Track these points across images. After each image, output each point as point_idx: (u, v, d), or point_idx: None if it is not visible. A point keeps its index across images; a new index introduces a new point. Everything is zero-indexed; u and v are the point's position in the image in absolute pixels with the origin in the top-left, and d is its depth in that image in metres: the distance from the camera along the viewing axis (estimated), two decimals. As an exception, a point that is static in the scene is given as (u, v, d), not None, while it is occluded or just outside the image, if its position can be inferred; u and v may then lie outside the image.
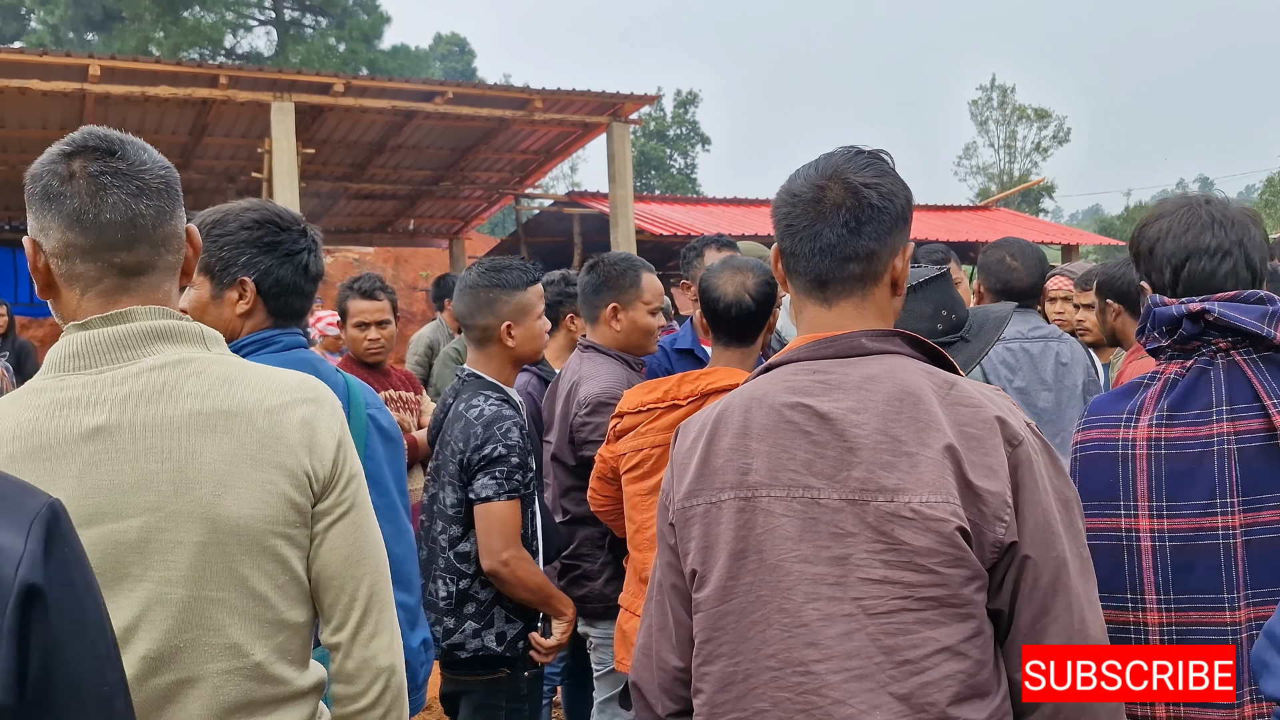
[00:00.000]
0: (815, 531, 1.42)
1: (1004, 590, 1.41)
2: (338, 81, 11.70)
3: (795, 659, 1.41)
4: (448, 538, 2.82)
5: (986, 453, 1.39)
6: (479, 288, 2.90)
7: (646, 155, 45.39)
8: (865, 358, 1.49)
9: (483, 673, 2.85)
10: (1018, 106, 49.17)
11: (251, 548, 1.43)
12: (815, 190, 1.52)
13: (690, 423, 1.63)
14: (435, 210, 18.78)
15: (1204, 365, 1.82)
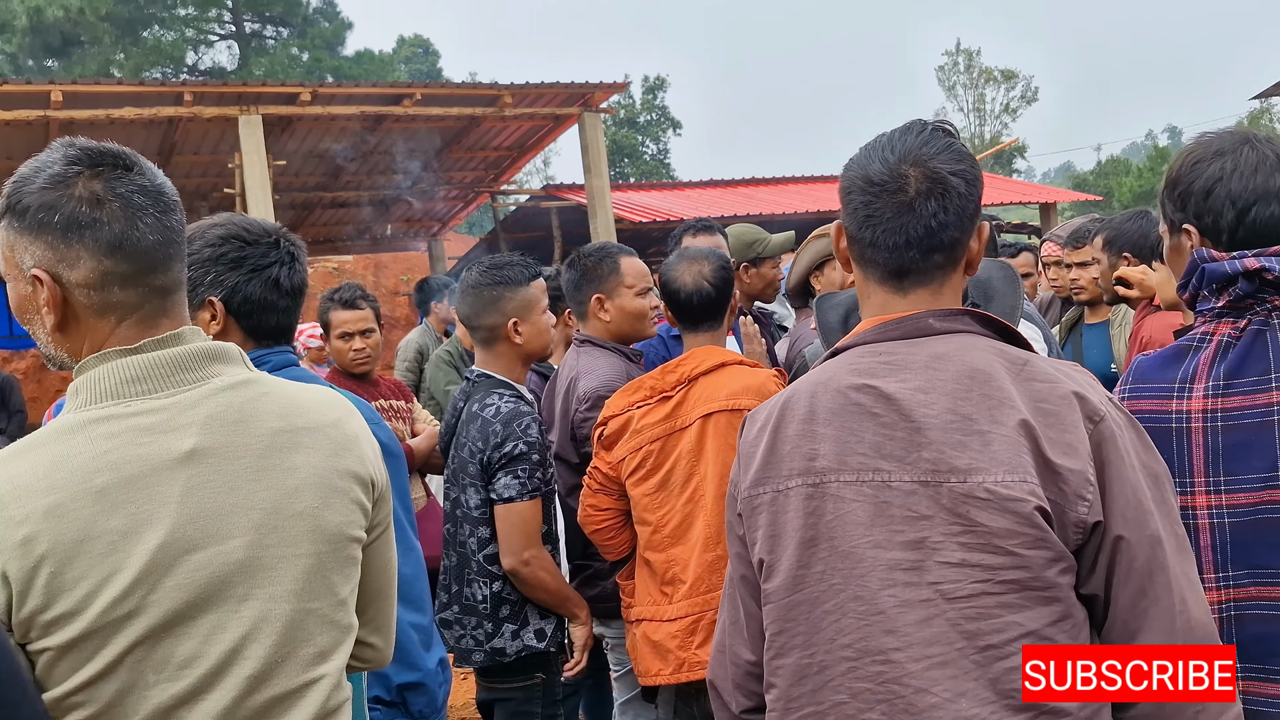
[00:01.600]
0: (888, 516, 1.37)
1: (1096, 573, 1.36)
2: (304, 91, 11.59)
3: (873, 648, 1.36)
4: (477, 540, 2.78)
5: (1065, 429, 1.34)
6: (482, 287, 2.87)
7: (619, 143, 45.27)
8: (932, 338, 1.44)
9: (519, 679, 2.81)
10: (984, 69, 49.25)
11: (339, 554, 1.46)
12: (897, 178, 1.45)
13: (757, 412, 1.59)
14: (411, 213, 18.67)
15: (1260, 326, 1.69)
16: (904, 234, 1.45)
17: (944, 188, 1.44)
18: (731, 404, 2.66)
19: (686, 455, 2.68)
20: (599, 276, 3.27)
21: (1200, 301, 1.76)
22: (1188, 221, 1.80)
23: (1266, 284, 1.69)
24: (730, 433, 2.63)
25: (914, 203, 1.44)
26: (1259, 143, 1.77)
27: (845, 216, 1.51)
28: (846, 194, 1.50)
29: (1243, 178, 1.73)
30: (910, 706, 1.33)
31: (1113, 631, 1.37)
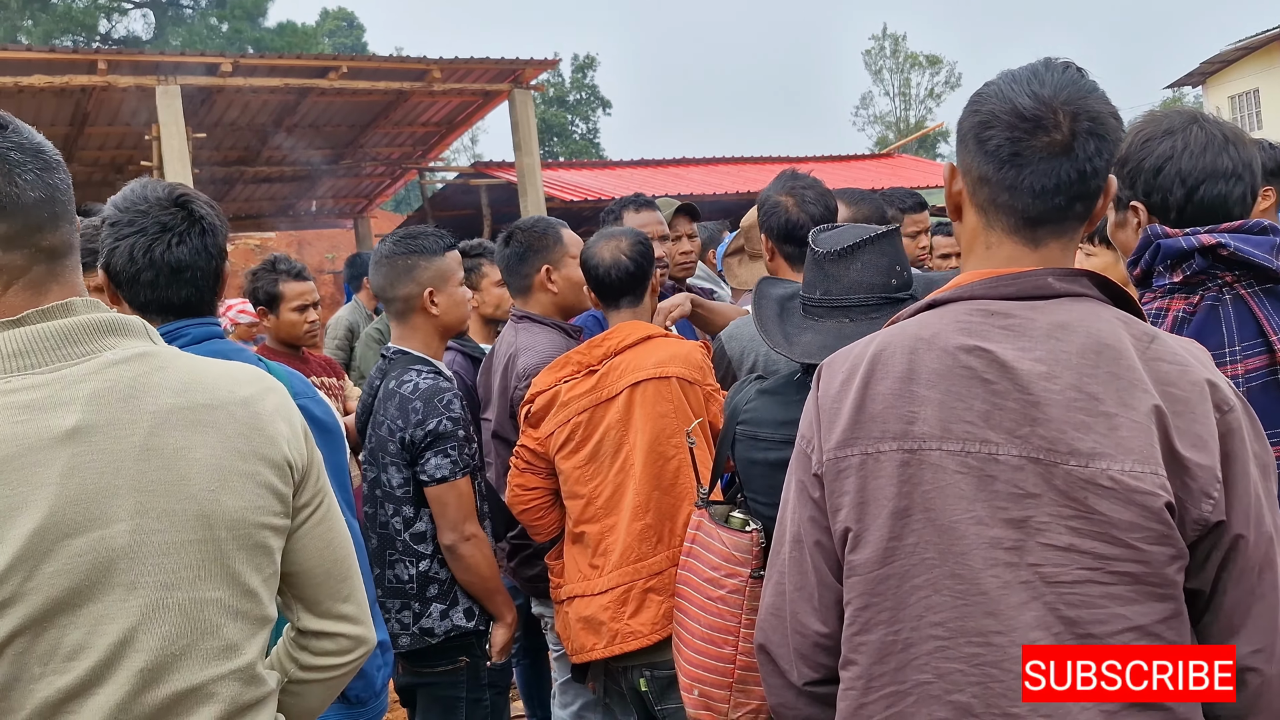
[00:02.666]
0: (992, 491, 1.28)
1: (1207, 569, 1.29)
2: (225, 61, 11.25)
3: (971, 628, 1.28)
4: (401, 520, 2.73)
5: (1196, 420, 1.26)
6: (396, 256, 2.82)
7: (548, 122, 44.94)
8: (1052, 301, 1.33)
9: (443, 663, 2.77)
10: (910, 54, 49.90)
11: (245, 542, 1.37)
12: (1052, 115, 1.31)
13: (835, 362, 1.46)
14: (337, 189, 18.32)
15: (1212, 302, 1.71)
16: (1055, 177, 1.32)
17: (1103, 129, 1.32)
18: (659, 371, 2.64)
19: (615, 425, 2.66)
20: (545, 248, 3.22)
21: (1155, 277, 1.78)
22: (1136, 199, 1.82)
23: (1219, 260, 1.71)
24: (659, 400, 2.63)
25: (1072, 143, 1.31)
26: (1207, 122, 1.80)
27: (976, 156, 1.36)
28: (983, 129, 1.35)
29: (1192, 156, 1.76)
30: (1010, 691, 1.27)
31: (1213, 626, 1.31)
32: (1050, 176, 1.32)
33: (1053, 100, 1.32)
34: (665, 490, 2.62)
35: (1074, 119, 1.31)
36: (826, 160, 21.64)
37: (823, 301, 2.16)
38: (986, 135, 1.35)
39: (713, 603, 2.19)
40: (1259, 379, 1.70)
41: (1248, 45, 26.66)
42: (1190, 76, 29.44)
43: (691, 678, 2.25)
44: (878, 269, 2.13)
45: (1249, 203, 1.79)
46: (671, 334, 2.85)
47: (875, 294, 2.11)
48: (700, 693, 2.22)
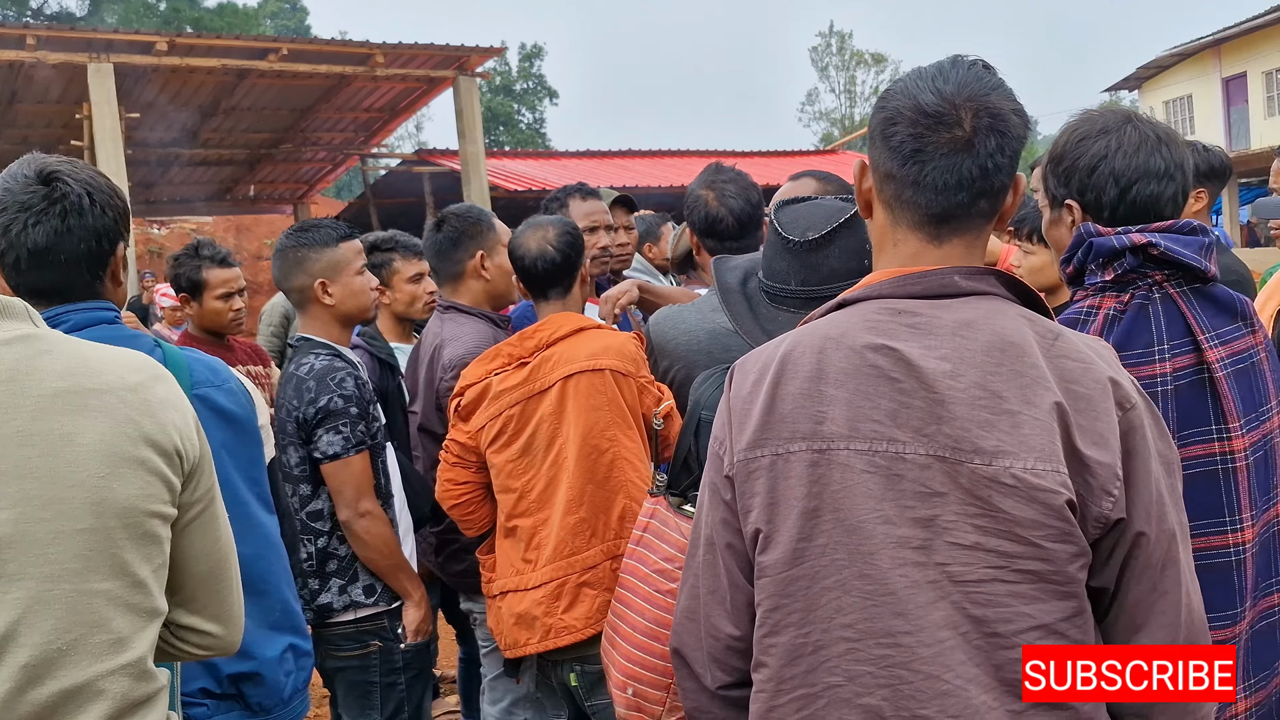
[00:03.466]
0: (899, 490, 1.26)
1: (1110, 567, 1.28)
2: (160, 40, 11.01)
3: (879, 629, 1.27)
4: (299, 498, 2.72)
5: (1097, 417, 1.25)
6: (287, 249, 2.83)
7: (494, 111, 44.62)
8: (958, 299, 1.32)
9: (354, 648, 2.74)
10: (856, 52, 50.36)
11: (134, 531, 1.32)
12: (954, 110, 1.31)
13: (746, 363, 1.44)
14: (276, 175, 18.03)
15: (1142, 300, 1.73)
16: (956, 174, 1.32)
17: (1004, 125, 1.32)
18: (593, 364, 2.61)
19: (548, 418, 2.62)
20: (478, 234, 3.18)
21: (1087, 275, 1.79)
22: (1070, 197, 1.83)
23: (1150, 259, 1.73)
24: (592, 393, 2.59)
25: (973, 139, 1.31)
26: (1140, 122, 1.81)
27: (882, 152, 1.36)
28: (888, 125, 1.35)
29: (1126, 156, 1.77)
30: (918, 693, 1.25)
31: (1117, 624, 1.31)
32: (952, 173, 1.32)
33: (955, 97, 1.31)
34: (599, 484, 2.59)
35: (975, 115, 1.31)
36: (772, 155, 21.77)
37: (799, 293, 2.12)
38: (891, 131, 1.35)
39: (661, 595, 2.12)
40: (1186, 377, 1.71)
41: (1182, 52, 27.29)
42: (1127, 81, 30.09)
43: (627, 675, 2.18)
44: (852, 253, 2.09)
45: (1180, 203, 1.80)
46: (604, 326, 2.81)
47: (853, 280, 2.06)
48: (635, 691, 2.15)
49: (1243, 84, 26.14)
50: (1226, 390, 1.69)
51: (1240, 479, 1.69)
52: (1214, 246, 1.77)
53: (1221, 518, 1.68)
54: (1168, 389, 1.69)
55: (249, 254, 21.75)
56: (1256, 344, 1.78)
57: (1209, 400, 1.70)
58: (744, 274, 2.31)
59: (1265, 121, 24.90)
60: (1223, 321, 1.74)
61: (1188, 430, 1.69)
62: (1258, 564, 1.72)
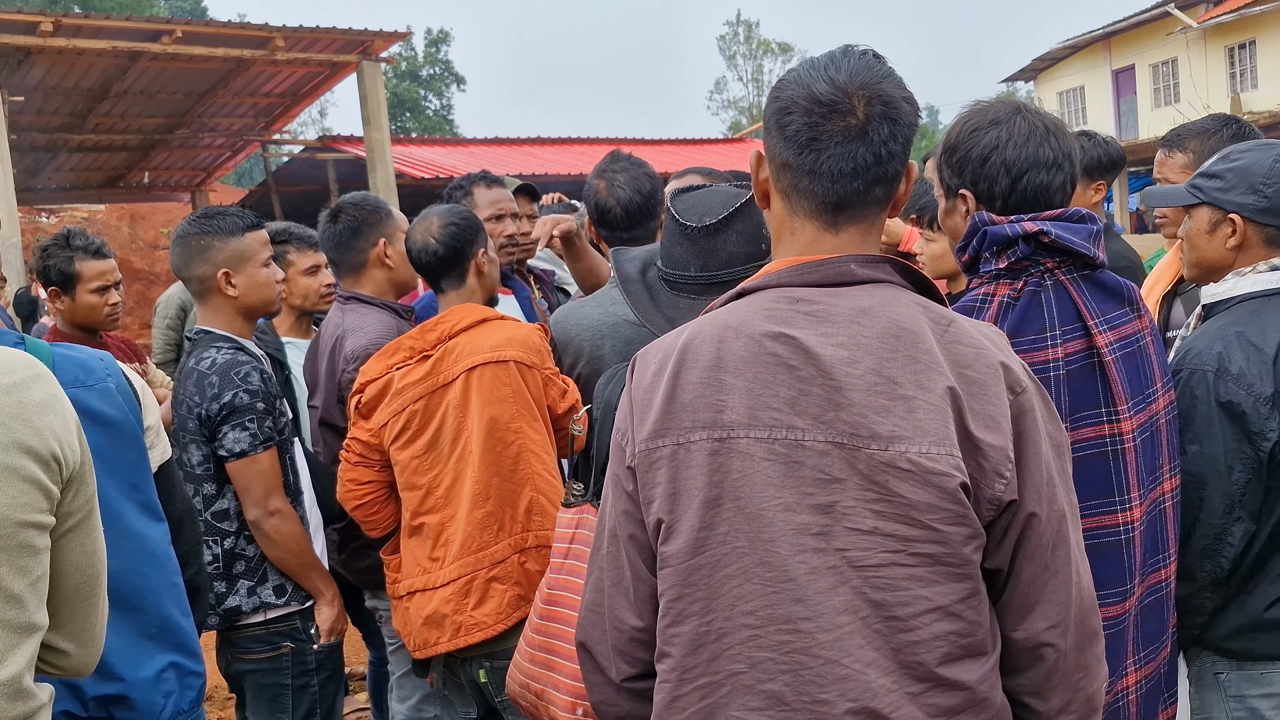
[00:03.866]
0: (799, 477, 1.27)
1: (1003, 548, 1.31)
2: (45, 20, 10.54)
3: (780, 615, 1.28)
4: (203, 499, 2.62)
5: (989, 401, 1.27)
6: (189, 236, 2.71)
7: (400, 96, 43.90)
8: (855, 287, 1.33)
9: (264, 649, 2.66)
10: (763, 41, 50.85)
11: (6, 542, 1.26)
12: (847, 100, 1.32)
13: (648, 353, 1.44)
14: (173, 161, 17.46)
15: (1035, 287, 1.77)
16: (851, 160, 1.33)
17: (896, 113, 1.34)
18: (496, 355, 2.57)
19: (453, 412, 2.58)
20: (378, 222, 3.11)
21: (982, 263, 1.83)
22: (964, 186, 1.86)
23: (1042, 247, 1.77)
24: (497, 385, 2.56)
25: (866, 127, 1.32)
26: (1030, 113, 1.86)
27: (777, 142, 1.37)
28: (782, 115, 1.36)
29: (1016, 146, 1.81)
30: (818, 678, 1.27)
31: (1011, 604, 1.33)
32: (847, 160, 1.33)
33: (848, 85, 1.33)
34: (505, 477, 2.55)
35: (868, 103, 1.33)
36: (680, 143, 21.86)
37: (699, 280, 2.12)
38: (786, 121, 1.35)
39: None
40: (1078, 361, 1.76)
41: (1075, 44, 28.15)
42: (1023, 72, 30.94)
43: (576, 694, 2.12)
44: (749, 237, 2.08)
45: (1069, 191, 1.85)
46: (507, 317, 2.77)
47: (751, 264, 2.06)
48: (585, 710, 2.09)
49: (1131, 76, 27.12)
50: (1115, 374, 1.75)
51: (1129, 459, 1.75)
52: (1102, 234, 1.82)
53: (1111, 497, 1.74)
54: (1060, 374, 1.73)
55: (144, 243, 21.04)
56: (1143, 328, 1.84)
57: (1099, 384, 1.75)
58: (643, 264, 2.30)
59: (1152, 112, 25.87)
60: (1111, 307, 1.80)
61: (1079, 413, 1.74)
62: (1146, 541, 1.78)
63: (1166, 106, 24.70)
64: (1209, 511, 1.94)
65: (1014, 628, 1.33)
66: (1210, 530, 1.94)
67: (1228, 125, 2.84)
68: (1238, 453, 1.94)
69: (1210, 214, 2.11)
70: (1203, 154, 2.65)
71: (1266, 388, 1.94)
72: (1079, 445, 1.73)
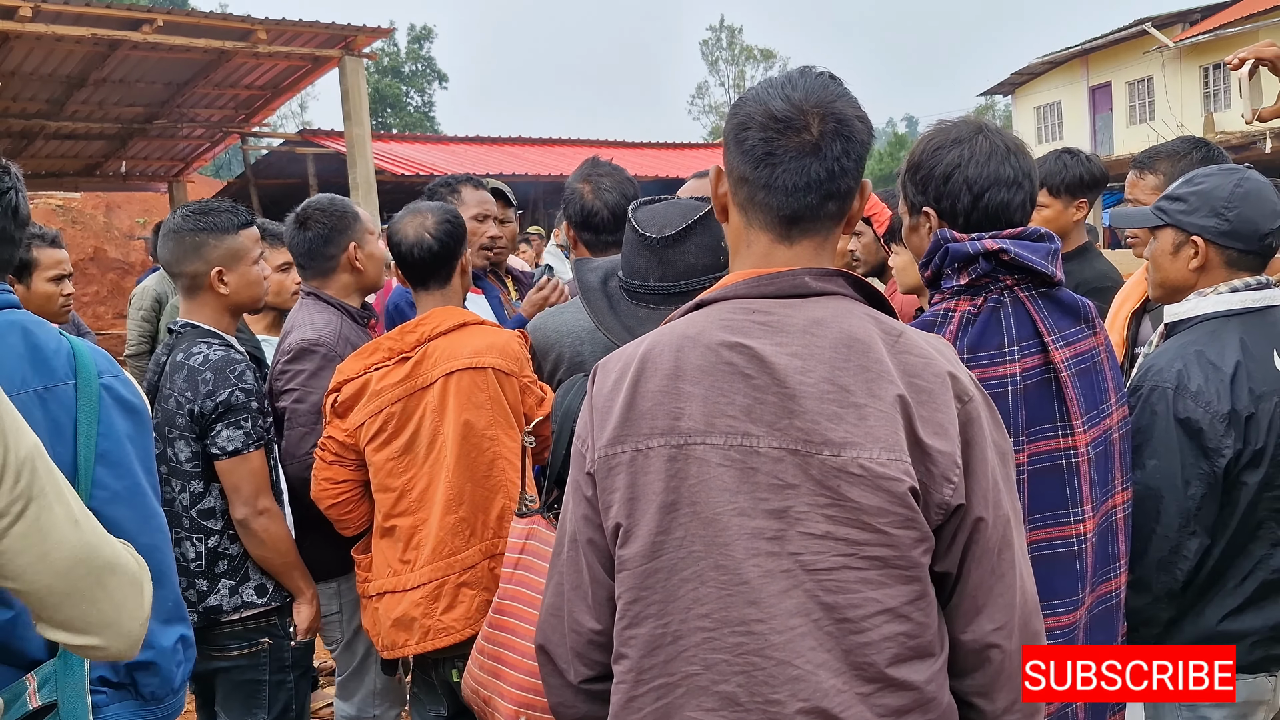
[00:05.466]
0: (754, 482, 1.32)
1: (952, 552, 1.35)
2: (24, 6, 10.43)
3: (734, 618, 1.32)
4: (189, 495, 2.61)
5: (937, 409, 1.32)
6: (184, 232, 2.69)
7: (381, 92, 43.72)
8: (809, 299, 1.39)
9: (241, 645, 2.64)
10: (745, 47, 51.00)
11: None
12: (802, 116, 1.37)
13: (609, 362, 1.49)
14: (150, 151, 17.29)
15: (994, 304, 1.82)
16: (805, 175, 1.38)
17: (849, 130, 1.39)
18: (475, 361, 2.58)
19: (430, 415, 2.59)
20: (347, 225, 3.07)
21: (944, 280, 1.88)
22: (928, 204, 1.91)
23: (1002, 264, 1.82)
24: (474, 391, 2.57)
25: (819, 143, 1.38)
26: (990, 132, 1.91)
27: (735, 157, 1.43)
28: (740, 130, 1.41)
29: (978, 165, 1.86)
30: (771, 679, 1.31)
31: (960, 607, 1.37)
32: (801, 175, 1.38)
33: (803, 103, 1.38)
34: (478, 482, 2.57)
35: (823, 120, 1.38)
36: (661, 147, 21.90)
37: (658, 290, 2.15)
38: (744, 136, 1.41)
39: None
40: (1034, 377, 1.81)
41: (1053, 60, 28.43)
42: (1001, 86, 31.21)
43: (520, 704, 2.16)
44: (708, 249, 2.12)
45: (1029, 209, 1.90)
46: (488, 322, 2.77)
47: (709, 275, 2.10)
48: (527, 719, 2.13)
49: (1108, 93, 27.42)
50: (1071, 389, 1.80)
51: (1082, 473, 1.80)
52: (1059, 253, 1.88)
53: (1065, 509, 1.79)
54: (1017, 388, 1.78)
55: (120, 232, 20.85)
56: (1098, 345, 1.90)
57: (1055, 399, 1.81)
58: (604, 274, 2.33)
59: (1127, 129, 26.17)
60: (1068, 324, 1.85)
61: (1035, 427, 1.79)
62: (1097, 552, 1.84)
63: (1141, 124, 25.00)
64: (1165, 525, 2.00)
65: (962, 630, 1.38)
66: (1166, 544, 2.00)
67: (1197, 148, 2.91)
68: (1194, 468, 2.00)
69: (1174, 236, 2.18)
70: (1173, 176, 2.71)
71: (1224, 406, 2.00)
72: (1034, 458, 1.78)
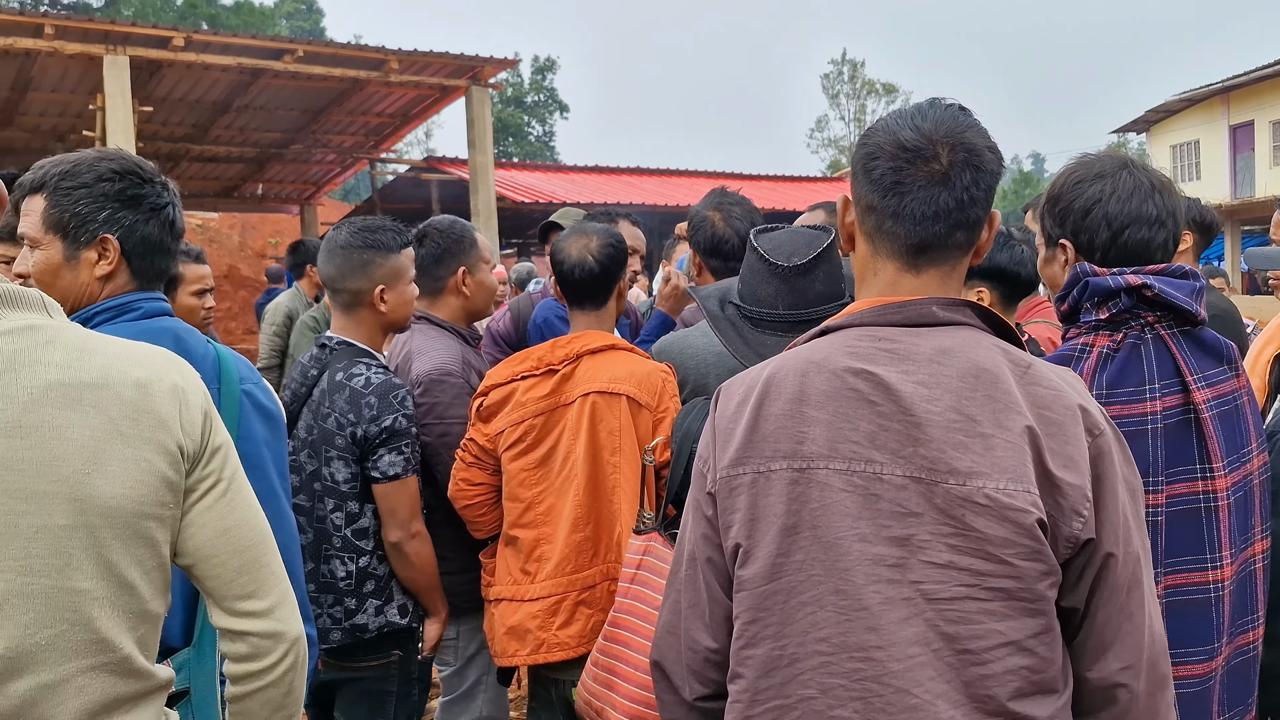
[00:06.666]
0: (876, 509, 1.31)
1: (1080, 587, 1.33)
2: (177, 35, 11.05)
3: (852, 644, 1.31)
4: (345, 515, 2.65)
5: (1067, 441, 1.31)
6: (351, 249, 2.72)
7: (504, 122, 44.79)
8: (936, 328, 1.39)
9: (375, 657, 2.69)
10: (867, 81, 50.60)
11: (124, 531, 1.30)
12: (931, 146, 1.38)
13: (733, 384, 1.50)
14: (285, 175, 18.07)
15: (1135, 340, 1.78)
16: (934, 204, 1.38)
17: (979, 160, 1.39)
18: (611, 387, 2.59)
19: (567, 433, 2.62)
20: (461, 250, 3.13)
21: (1082, 314, 1.83)
22: (1065, 237, 1.88)
23: (1143, 300, 1.77)
24: (608, 415, 2.59)
25: (949, 173, 1.38)
26: (1136, 169, 1.87)
27: (864, 186, 1.43)
28: (869, 160, 1.42)
29: (1120, 200, 1.82)
30: (888, 706, 1.29)
31: (1086, 644, 1.35)
32: (930, 204, 1.38)
33: (933, 134, 1.39)
34: (604, 505, 2.59)
35: (952, 150, 1.38)
36: (780, 180, 21.86)
37: (786, 317, 2.15)
38: (872, 165, 1.41)
39: None
40: (1174, 416, 1.75)
41: (1190, 98, 27.43)
42: (1135, 124, 30.21)
43: (631, 716, 2.18)
44: (833, 278, 2.11)
45: (1170, 249, 1.85)
46: (636, 349, 2.77)
47: (835, 303, 2.11)
48: None
49: (1250, 132, 26.26)
50: (1212, 431, 1.73)
51: (1222, 518, 1.73)
52: (1204, 291, 1.81)
53: (1203, 555, 1.72)
54: (1157, 426, 1.73)
55: (253, 251, 21.79)
56: (1240, 387, 1.82)
57: (1194, 440, 1.74)
58: (720, 300, 2.34)
59: (1271, 170, 25.01)
60: (1209, 364, 1.79)
61: (1174, 468, 1.73)
62: (1234, 601, 1.75)
63: (1285, 165, 23.89)
64: None
65: (1088, 668, 1.34)
66: None
67: None
68: None
69: None
70: (1321, 217, 2.60)
71: None
72: (1172, 500, 1.71)
